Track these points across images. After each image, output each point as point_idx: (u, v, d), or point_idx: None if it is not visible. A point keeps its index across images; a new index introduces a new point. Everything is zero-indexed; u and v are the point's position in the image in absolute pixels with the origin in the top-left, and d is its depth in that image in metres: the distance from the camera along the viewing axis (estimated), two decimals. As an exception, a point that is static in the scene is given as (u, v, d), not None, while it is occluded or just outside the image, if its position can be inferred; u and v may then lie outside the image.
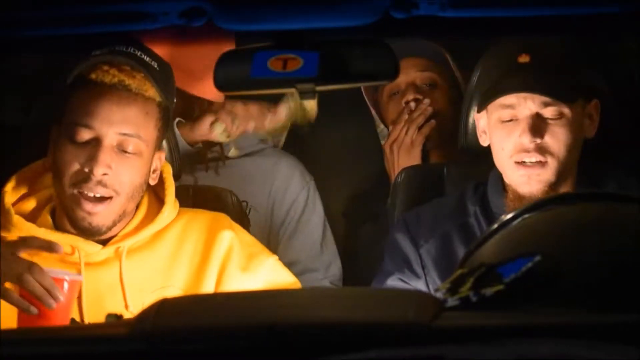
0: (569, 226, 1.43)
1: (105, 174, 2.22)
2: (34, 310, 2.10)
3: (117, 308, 2.25)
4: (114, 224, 2.27)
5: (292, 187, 3.01)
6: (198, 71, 2.75)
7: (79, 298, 2.27)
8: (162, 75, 2.31)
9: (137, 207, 2.36)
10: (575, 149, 2.41)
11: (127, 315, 2.16)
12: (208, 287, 2.33)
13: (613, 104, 2.60)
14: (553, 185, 2.38)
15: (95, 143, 2.22)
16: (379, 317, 1.28)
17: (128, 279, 2.29)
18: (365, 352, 1.20)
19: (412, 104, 3.00)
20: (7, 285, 2.11)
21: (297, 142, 3.28)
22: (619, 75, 2.66)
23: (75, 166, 2.22)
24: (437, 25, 2.04)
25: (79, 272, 2.26)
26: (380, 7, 1.88)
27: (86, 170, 2.21)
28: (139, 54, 2.28)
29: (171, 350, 1.25)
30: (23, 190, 2.34)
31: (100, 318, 2.22)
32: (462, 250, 2.37)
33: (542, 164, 2.36)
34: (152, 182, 2.35)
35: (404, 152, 2.94)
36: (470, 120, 2.61)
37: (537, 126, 2.36)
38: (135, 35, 2.40)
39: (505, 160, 2.40)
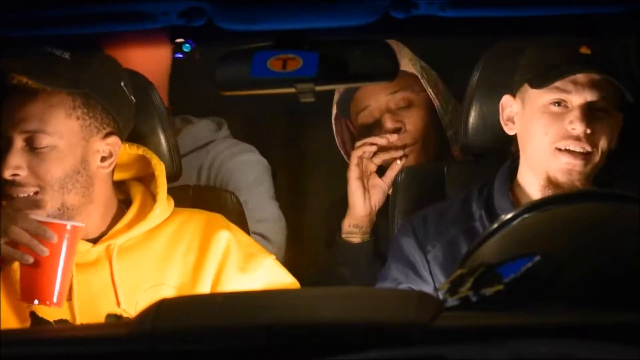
0: (569, 226, 1.42)
1: (15, 175, 2.23)
2: (28, 258, 2.12)
3: (110, 307, 2.25)
4: (68, 209, 2.26)
5: (240, 158, 3.01)
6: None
7: (70, 300, 2.27)
8: (75, 62, 2.28)
9: (130, 204, 2.35)
10: (608, 152, 2.39)
11: (121, 314, 2.16)
12: (204, 286, 2.33)
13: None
14: (589, 181, 2.36)
15: (7, 147, 2.24)
16: (379, 317, 1.28)
17: (120, 278, 2.29)
18: (365, 352, 1.20)
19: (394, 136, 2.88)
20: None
21: (290, 141, 3.29)
22: (619, 75, 2.65)
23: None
24: (437, 25, 2.04)
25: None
26: (380, 7, 1.88)
27: (3, 175, 2.22)
28: (49, 49, 2.27)
29: (171, 350, 1.25)
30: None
31: (92, 318, 2.23)
32: (467, 255, 2.36)
33: (587, 155, 2.34)
34: (104, 171, 2.32)
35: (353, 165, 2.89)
36: (471, 120, 2.61)
37: (590, 115, 2.34)
38: (135, 35, 2.40)
39: (545, 146, 2.35)
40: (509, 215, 1.46)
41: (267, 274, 2.39)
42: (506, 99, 2.46)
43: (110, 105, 2.32)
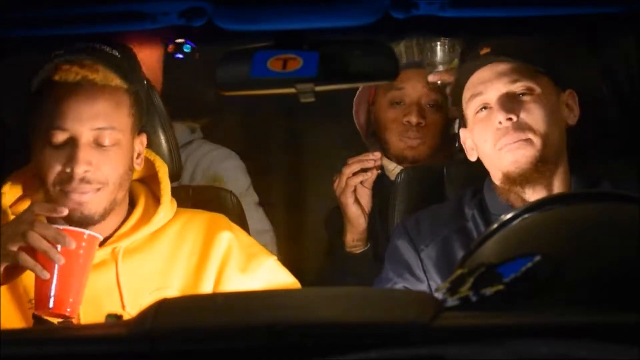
0: (569, 226, 1.43)
1: (87, 171, 2.22)
2: (45, 274, 2.11)
3: (115, 310, 2.24)
4: (106, 211, 2.26)
5: (221, 164, 3.04)
6: None
7: None
8: (125, 62, 2.30)
9: (134, 207, 2.35)
10: (556, 129, 2.39)
11: (126, 316, 2.16)
12: (206, 288, 2.32)
13: (605, 101, 2.60)
14: (541, 165, 2.36)
15: (72, 143, 2.22)
16: (379, 317, 1.28)
17: (125, 281, 2.28)
18: (365, 352, 1.20)
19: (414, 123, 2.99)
20: (18, 248, 2.12)
21: (290, 140, 3.29)
22: (619, 75, 2.66)
23: (57, 168, 2.22)
24: (437, 25, 2.04)
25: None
26: (380, 7, 1.88)
27: (67, 170, 2.21)
28: (97, 46, 2.27)
29: (171, 350, 1.25)
30: (19, 192, 2.34)
31: (96, 320, 2.23)
32: (462, 254, 2.36)
33: (525, 142, 2.35)
34: (138, 167, 2.34)
35: (339, 192, 2.91)
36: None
37: (510, 103, 2.36)
38: (135, 35, 2.40)
39: (490, 152, 2.39)
40: (509, 215, 1.46)
41: (268, 274, 2.39)
42: (462, 133, 2.51)
43: (143, 103, 2.35)
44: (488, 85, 2.39)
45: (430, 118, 3.02)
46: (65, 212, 2.17)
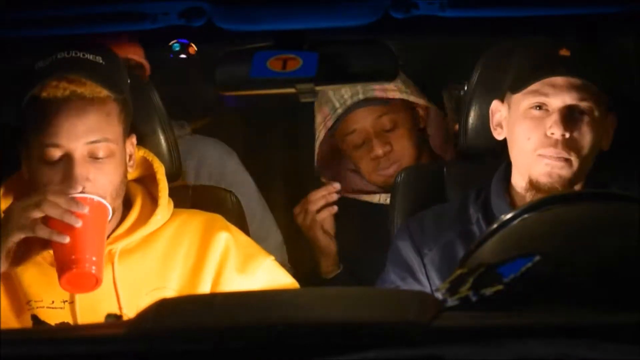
0: (569, 226, 1.43)
1: (84, 188, 2.21)
2: (64, 237, 2.13)
3: (112, 311, 2.24)
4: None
5: (213, 161, 3.04)
6: None
7: (72, 303, 2.26)
8: (110, 68, 2.29)
9: (130, 208, 2.35)
10: (593, 154, 2.37)
11: (123, 317, 2.16)
12: (204, 288, 2.32)
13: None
14: (569, 185, 2.34)
15: (67, 159, 2.21)
16: (379, 317, 1.28)
17: (121, 282, 2.28)
18: (365, 352, 1.20)
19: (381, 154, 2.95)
20: (32, 220, 2.13)
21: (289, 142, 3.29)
22: (618, 75, 2.65)
23: (54, 186, 2.22)
24: (437, 25, 2.04)
25: None
26: (380, 7, 1.88)
27: (65, 189, 2.20)
28: (81, 55, 2.26)
29: (171, 350, 1.25)
30: (12, 197, 2.34)
31: (95, 321, 2.22)
32: (465, 259, 2.35)
33: (566, 161, 2.33)
34: (131, 170, 2.34)
35: (305, 228, 2.92)
36: (470, 121, 2.61)
37: (570, 119, 2.32)
38: (135, 35, 2.40)
39: (529, 152, 2.34)
40: (509, 216, 1.46)
41: (267, 274, 2.38)
42: (495, 105, 2.46)
43: (130, 107, 2.34)
44: (557, 91, 2.33)
45: (394, 139, 2.97)
46: (80, 188, 2.18)
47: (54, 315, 2.26)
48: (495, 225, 1.46)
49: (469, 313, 1.28)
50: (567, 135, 2.31)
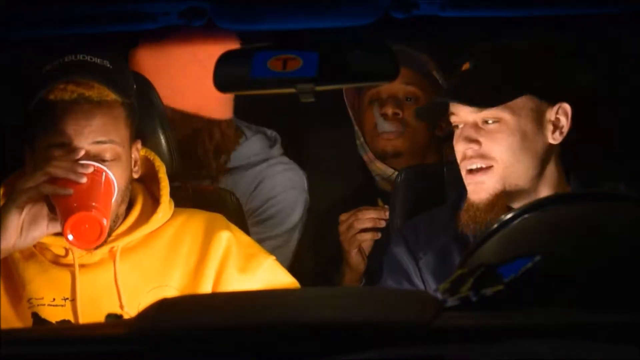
0: (569, 226, 1.43)
1: None
2: (68, 190, 2.14)
3: (113, 309, 2.24)
4: (110, 230, 2.25)
5: (278, 184, 3.00)
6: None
7: (73, 300, 2.26)
8: (117, 72, 2.29)
9: (132, 206, 2.35)
10: (528, 154, 2.36)
11: (124, 316, 2.16)
12: (206, 287, 2.32)
13: (605, 100, 2.59)
14: (503, 193, 2.35)
15: (75, 155, 2.21)
16: (379, 317, 1.28)
17: (122, 280, 2.28)
18: (365, 352, 1.20)
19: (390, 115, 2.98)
20: (39, 183, 2.15)
21: (290, 143, 3.28)
22: (618, 75, 2.66)
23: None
24: (437, 25, 2.04)
25: (73, 274, 2.26)
26: (380, 7, 1.88)
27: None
28: (89, 58, 2.27)
29: (171, 350, 1.25)
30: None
31: (94, 319, 2.22)
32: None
33: (485, 170, 2.35)
34: (136, 175, 2.34)
35: (344, 239, 2.87)
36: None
37: (473, 132, 2.35)
38: (135, 35, 2.40)
39: (461, 169, 2.40)
40: (509, 215, 1.46)
41: (267, 274, 2.39)
42: None
43: (136, 111, 2.34)
44: (458, 109, 2.37)
45: (408, 111, 2.98)
46: (83, 152, 2.20)
47: (55, 312, 2.26)
48: (495, 225, 1.46)
49: (469, 313, 1.28)
50: (476, 147, 2.34)
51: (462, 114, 2.37)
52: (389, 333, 1.23)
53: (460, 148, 2.37)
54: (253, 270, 2.36)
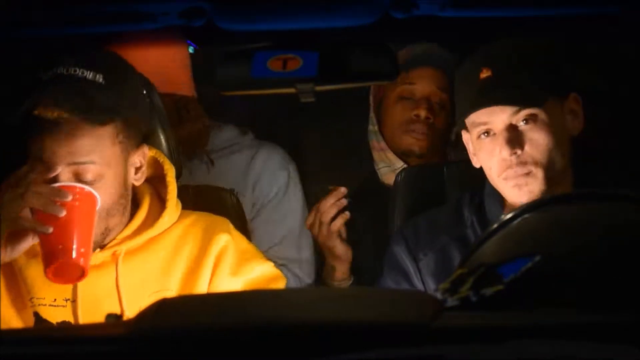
0: (569, 226, 1.43)
1: None
2: (47, 228, 2.12)
3: (113, 311, 2.23)
4: (96, 244, 2.24)
5: (270, 173, 3.02)
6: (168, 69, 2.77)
7: (74, 301, 2.26)
8: (109, 87, 2.23)
9: (138, 208, 2.34)
10: (560, 149, 2.36)
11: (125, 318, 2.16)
12: (201, 290, 2.32)
13: (605, 100, 2.59)
14: (546, 192, 2.34)
15: (53, 179, 2.19)
16: (379, 317, 1.28)
17: (124, 283, 2.27)
18: (365, 352, 1.20)
19: (423, 116, 3.00)
20: (18, 214, 2.13)
21: (290, 134, 3.28)
22: (618, 75, 2.66)
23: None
24: (437, 25, 2.04)
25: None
26: (380, 7, 1.88)
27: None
28: (80, 72, 2.22)
29: (171, 349, 1.25)
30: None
31: (95, 321, 2.22)
32: (461, 264, 2.34)
33: (527, 175, 2.34)
34: (137, 183, 2.32)
35: (322, 238, 2.86)
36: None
37: (514, 137, 2.31)
38: (135, 35, 2.40)
39: (495, 179, 2.36)
40: (509, 215, 1.46)
41: (258, 281, 2.37)
42: (464, 135, 2.47)
43: (141, 119, 2.31)
44: (494, 114, 2.32)
45: (438, 116, 3.03)
46: (59, 169, 2.17)
47: (56, 313, 2.26)
48: (495, 225, 1.46)
49: (469, 313, 1.28)
50: (519, 152, 2.31)
51: (498, 120, 2.32)
52: (389, 333, 1.23)
53: (504, 154, 2.32)
54: (244, 274, 2.34)
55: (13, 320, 2.25)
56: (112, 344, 1.29)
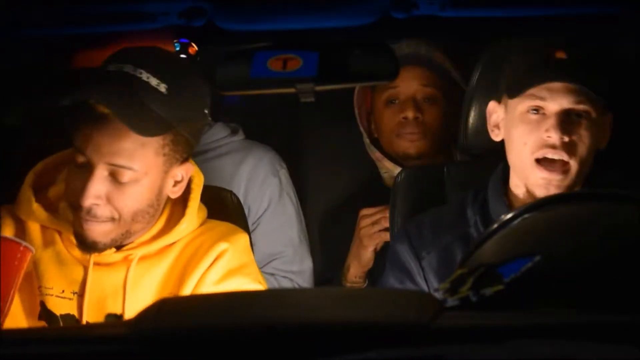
0: (569, 226, 1.43)
1: (95, 205, 2.18)
2: None
3: (116, 311, 2.23)
4: (114, 242, 2.23)
5: (260, 181, 3.00)
6: None
7: (82, 295, 2.26)
8: (172, 98, 2.20)
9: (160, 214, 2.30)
10: (591, 156, 2.35)
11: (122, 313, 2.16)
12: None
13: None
14: (569, 189, 2.32)
15: (89, 171, 2.17)
16: (379, 317, 1.28)
17: (131, 286, 2.26)
18: (365, 352, 1.20)
19: (410, 118, 2.99)
20: None
21: (291, 141, 3.28)
22: (618, 76, 2.65)
23: (72, 188, 2.19)
24: (437, 25, 2.04)
25: (87, 270, 2.24)
26: (380, 7, 1.88)
27: (78, 198, 2.17)
28: (145, 77, 2.19)
29: (171, 350, 1.25)
30: (48, 178, 2.32)
31: (97, 317, 2.22)
32: (464, 262, 2.33)
33: (565, 165, 2.31)
34: (173, 196, 2.28)
35: (365, 232, 2.91)
36: (471, 120, 2.61)
37: (567, 123, 2.29)
38: (135, 35, 2.39)
39: (525, 156, 2.32)
40: (509, 215, 1.46)
41: (236, 287, 2.32)
42: (492, 105, 2.44)
43: (194, 135, 2.27)
44: (554, 95, 2.30)
45: (427, 112, 3.01)
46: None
47: (61, 304, 2.25)
48: (495, 225, 1.46)
49: (469, 313, 1.29)
50: (566, 139, 2.29)
51: (557, 101, 2.30)
52: (389, 333, 1.23)
53: (552, 134, 2.29)
54: (224, 286, 2.29)
55: (18, 309, 2.24)
56: (112, 344, 1.29)
